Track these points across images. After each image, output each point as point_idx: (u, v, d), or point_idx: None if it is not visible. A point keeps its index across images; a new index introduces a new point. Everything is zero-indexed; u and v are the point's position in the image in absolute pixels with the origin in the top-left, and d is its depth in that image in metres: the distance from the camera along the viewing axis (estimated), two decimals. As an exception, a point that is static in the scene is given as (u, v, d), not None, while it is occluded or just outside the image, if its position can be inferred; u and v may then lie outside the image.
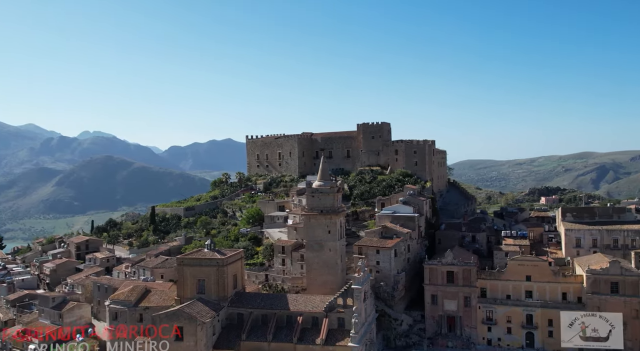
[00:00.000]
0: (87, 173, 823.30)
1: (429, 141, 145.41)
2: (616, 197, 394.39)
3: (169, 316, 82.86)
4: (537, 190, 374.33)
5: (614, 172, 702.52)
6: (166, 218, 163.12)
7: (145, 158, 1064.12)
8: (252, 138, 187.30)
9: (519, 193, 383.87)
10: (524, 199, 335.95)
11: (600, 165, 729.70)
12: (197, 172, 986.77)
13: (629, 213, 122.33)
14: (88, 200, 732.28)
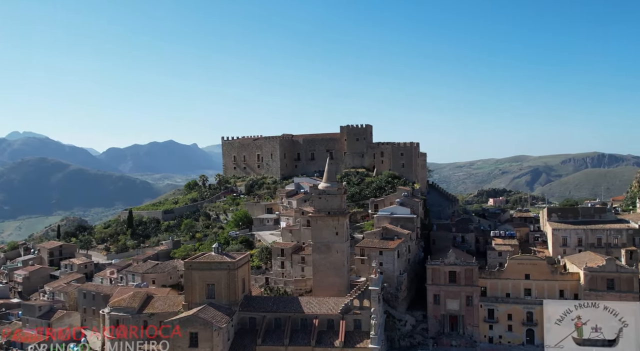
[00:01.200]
0: (18, 176, 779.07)
1: (415, 143, 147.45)
2: (550, 198, 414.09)
3: (182, 322, 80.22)
4: (485, 192, 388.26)
5: (546, 174, 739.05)
6: (143, 222, 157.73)
7: (81, 161, 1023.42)
8: (228, 139, 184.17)
9: (469, 195, 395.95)
10: (473, 200, 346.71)
11: (534, 168, 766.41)
12: (138, 174, 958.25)
13: (609, 213, 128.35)
14: (19, 205, 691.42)
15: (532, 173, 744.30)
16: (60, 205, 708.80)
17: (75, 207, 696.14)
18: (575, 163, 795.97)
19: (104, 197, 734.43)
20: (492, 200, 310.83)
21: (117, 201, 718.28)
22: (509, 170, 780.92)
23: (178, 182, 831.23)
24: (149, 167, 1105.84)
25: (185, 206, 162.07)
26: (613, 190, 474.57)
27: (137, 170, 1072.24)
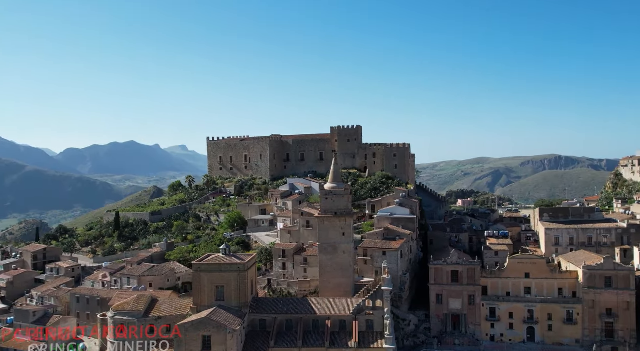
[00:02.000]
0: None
1: (407, 144, 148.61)
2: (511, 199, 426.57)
3: (195, 326, 78.82)
4: (454, 193, 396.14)
5: (506, 176, 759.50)
6: (130, 224, 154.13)
7: (38, 162, 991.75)
8: (214, 139, 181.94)
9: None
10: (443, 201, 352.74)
11: (495, 169, 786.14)
12: (98, 176, 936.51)
13: (597, 213, 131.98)
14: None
15: (493, 175, 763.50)
16: (15, 208, 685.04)
17: (32, 209, 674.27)
18: (534, 165, 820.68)
19: (62, 199, 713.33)
20: (460, 201, 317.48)
21: (77, 203, 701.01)
22: (470, 172, 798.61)
23: (140, 184, 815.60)
24: (109, 168, 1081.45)
25: (173, 207, 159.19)
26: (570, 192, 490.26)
27: (97, 172, 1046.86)
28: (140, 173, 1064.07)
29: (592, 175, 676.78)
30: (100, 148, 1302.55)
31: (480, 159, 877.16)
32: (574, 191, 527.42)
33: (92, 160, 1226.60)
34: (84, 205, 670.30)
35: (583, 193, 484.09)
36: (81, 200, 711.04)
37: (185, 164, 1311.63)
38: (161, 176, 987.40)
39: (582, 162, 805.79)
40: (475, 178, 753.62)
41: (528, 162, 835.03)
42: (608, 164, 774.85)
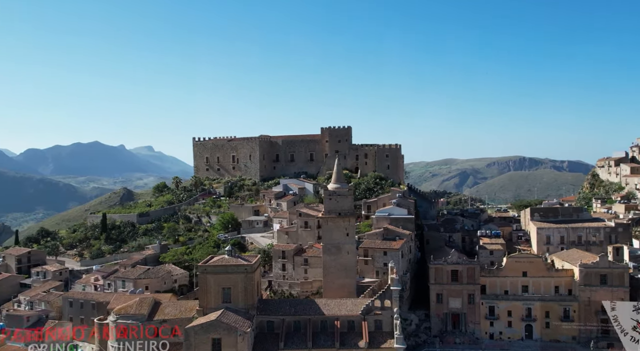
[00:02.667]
0: None
1: (398, 145, 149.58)
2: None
3: (204, 328, 77.54)
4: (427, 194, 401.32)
5: (473, 177, 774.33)
6: (117, 226, 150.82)
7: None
8: (200, 140, 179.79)
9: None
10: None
11: (462, 170, 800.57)
12: (61, 177, 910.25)
13: (585, 212, 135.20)
14: None
15: (461, 176, 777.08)
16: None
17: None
18: (499, 166, 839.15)
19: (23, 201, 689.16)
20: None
21: (39, 205, 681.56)
22: (438, 173, 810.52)
23: (105, 185, 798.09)
24: (72, 169, 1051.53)
25: (161, 209, 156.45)
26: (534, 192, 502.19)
27: (59, 173, 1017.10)
28: (105, 174, 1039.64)
29: (555, 175, 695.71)
30: (62, 149, 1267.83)
31: (448, 160, 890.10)
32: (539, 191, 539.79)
33: (54, 161, 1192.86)
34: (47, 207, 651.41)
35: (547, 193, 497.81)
36: (43, 202, 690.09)
37: (151, 165, 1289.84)
38: (127, 177, 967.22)
39: (545, 163, 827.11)
40: (443, 179, 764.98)
41: (494, 163, 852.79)
42: (569, 165, 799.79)
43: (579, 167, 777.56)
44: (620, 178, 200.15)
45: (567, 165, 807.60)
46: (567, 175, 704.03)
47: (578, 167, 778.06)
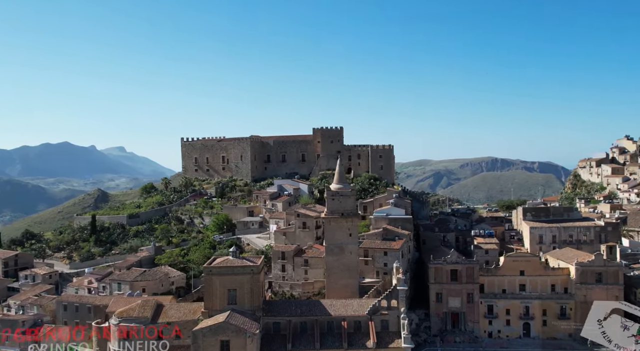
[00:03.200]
0: None
1: (391, 146, 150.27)
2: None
3: (213, 330, 76.74)
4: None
5: (447, 177, 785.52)
6: (106, 228, 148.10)
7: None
8: (189, 140, 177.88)
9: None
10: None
11: (436, 171, 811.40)
12: (29, 178, 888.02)
13: (575, 212, 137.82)
14: None
15: (435, 177, 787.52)
16: None
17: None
18: (472, 167, 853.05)
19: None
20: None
21: (5, 208, 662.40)
22: (413, 174, 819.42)
23: (75, 187, 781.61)
24: (41, 171, 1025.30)
25: (151, 210, 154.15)
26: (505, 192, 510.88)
27: (27, 174, 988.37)
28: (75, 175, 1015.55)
29: (526, 176, 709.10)
30: (30, 150, 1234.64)
31: (422, 161, 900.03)
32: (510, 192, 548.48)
33: (21, 162, 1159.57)
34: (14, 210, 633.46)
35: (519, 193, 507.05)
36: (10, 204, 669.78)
37: (123, 166, 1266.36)
38: (98, 178, 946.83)
39: (516, 164, 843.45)
40: (418, 180, 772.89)
41: (467, 164, 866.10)
42: (540, 166, 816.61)
43: (549, 167, 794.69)
44: (601, 178, 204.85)
45: (537, 166, 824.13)
46: (538, 175, 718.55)
47: (548, 167, 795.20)
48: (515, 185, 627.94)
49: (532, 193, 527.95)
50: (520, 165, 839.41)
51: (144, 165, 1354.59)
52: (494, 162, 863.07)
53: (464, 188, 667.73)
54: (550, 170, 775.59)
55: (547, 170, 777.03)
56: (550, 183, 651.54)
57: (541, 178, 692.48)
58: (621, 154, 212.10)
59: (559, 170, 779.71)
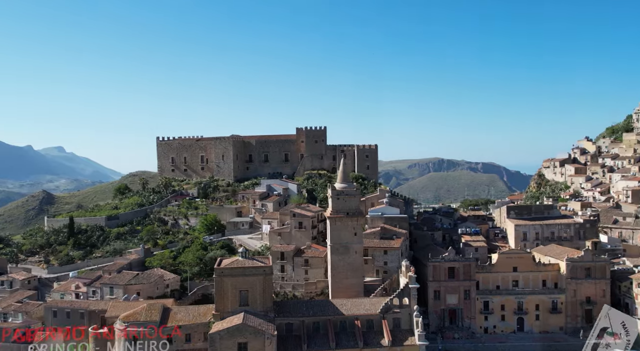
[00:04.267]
0: None
1: (376, 145, 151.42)
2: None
3: (230, 333, 75.27)
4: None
5: (396, 178, 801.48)
6: (83, 230, 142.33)
7: None
8: (165, 139, 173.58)
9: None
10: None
11: (385, 172, 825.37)
12: None
13: (555, 209, 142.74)
14: None
15: (384, 177, 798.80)
16: None
17: None
18: (420, 167, 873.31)
19: None
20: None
21: None
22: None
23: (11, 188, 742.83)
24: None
25: (131, 211, 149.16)
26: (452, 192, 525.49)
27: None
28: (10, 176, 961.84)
29: (472, 177, 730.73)
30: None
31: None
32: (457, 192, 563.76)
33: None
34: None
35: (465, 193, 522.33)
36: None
37: (62, 167, 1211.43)
38: (36, 180, 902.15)
39: (461, 165, 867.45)
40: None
41: (415, 164, 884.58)
42: (483, 167, 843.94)
43: (492, 168, 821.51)
44: (565, 177, 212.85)
45: (481, 167, 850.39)
46: (482, 176, 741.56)
47: (491, 168, 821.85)
48: (461, 185, 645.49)
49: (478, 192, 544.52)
50: (465, 165, 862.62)
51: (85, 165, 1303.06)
52: (440, 163, 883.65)
53: (413, 188, 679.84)
54: (493, 170, 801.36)
55: (490, 170, 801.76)
56: (494, 183, 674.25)
57: (485, 178, 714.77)
58: (582, 155, 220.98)
59: (501, 171, 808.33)
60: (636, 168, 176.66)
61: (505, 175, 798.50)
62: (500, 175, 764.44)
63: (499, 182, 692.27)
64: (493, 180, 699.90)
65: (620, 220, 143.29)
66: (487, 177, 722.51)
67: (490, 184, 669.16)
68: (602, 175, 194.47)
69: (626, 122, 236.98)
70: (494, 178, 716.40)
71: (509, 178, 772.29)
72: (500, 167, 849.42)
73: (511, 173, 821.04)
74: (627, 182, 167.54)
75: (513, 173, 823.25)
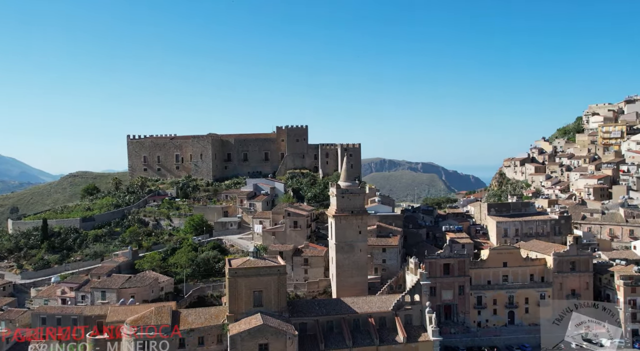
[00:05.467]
0: None
1: (359, 144, 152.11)
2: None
3: (252, 334, 73.95)
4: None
5: None
6: (57, 233, 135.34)
7: None
8: (136, 138, 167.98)
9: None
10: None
11: None
12: None
13: (531, 206, 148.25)
14: None
15: None
16: None
17: None
18: (363, 167, 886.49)
19: None
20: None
21: None
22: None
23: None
24: None
25: (107, 213, 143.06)
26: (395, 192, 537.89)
27: None
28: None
29: (412, 176, 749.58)
30: None
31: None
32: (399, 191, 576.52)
33: None
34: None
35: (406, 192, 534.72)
36: None
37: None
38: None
39: (402, 165, 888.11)
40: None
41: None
42: (423, 167, 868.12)
43: (431, 168, 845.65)
44: (525, 176, 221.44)
45: (421, 167, 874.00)
46: (422, 175, 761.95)
47: (430, 168, 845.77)
48: (403, 185, 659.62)
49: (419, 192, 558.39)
50: (406, 165, 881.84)
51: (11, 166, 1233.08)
52: (382, 163, 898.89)
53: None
54: (433, 170, 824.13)
55: (429, 170, 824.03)
56: (433, 182, 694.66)
57: (425, 178, 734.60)
58: (540, 154, 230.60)
59: (439, 171, 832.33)
60: (592, 167, 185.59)
61: (444, 174, 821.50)
62: (439, 174, 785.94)
63: (439, 182, 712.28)
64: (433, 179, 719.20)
65: (588, 216, 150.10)
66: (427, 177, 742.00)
67: (430, 184, 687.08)
68: (560, 173, 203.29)
69: (576, 124, 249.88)
70: (433, 178, 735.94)
71: (447, 177, 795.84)
72: (439, 167, 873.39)
73: (449, 173, 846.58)
74: (586, 180, 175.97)
75: (451, 173, 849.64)
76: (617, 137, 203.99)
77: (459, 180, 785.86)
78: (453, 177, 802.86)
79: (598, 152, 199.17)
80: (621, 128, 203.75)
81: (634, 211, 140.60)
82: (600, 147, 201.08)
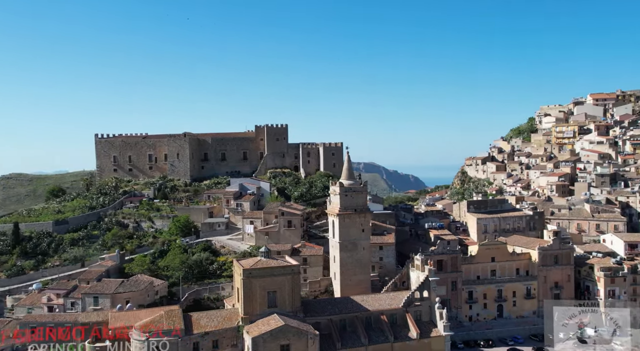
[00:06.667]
0: None
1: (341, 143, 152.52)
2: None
3: (274, 335, 72.78)
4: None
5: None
6: (28, 237, 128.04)
7: None
8: (105, 137, 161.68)
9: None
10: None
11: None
12: None
13: (506, 203, 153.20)
14: None
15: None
16: None
17: None
18: None
19: None
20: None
21: None
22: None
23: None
24: None
25: (82, 215, 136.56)
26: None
27: None
28: None
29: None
30: None
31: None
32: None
33: None
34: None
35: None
36: None
37: None
38: None
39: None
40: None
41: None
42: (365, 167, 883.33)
43: (373, 168, 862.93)
44: (487, 175, 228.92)
45: (363, 167, 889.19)
46: (365, 175, 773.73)
47: (372, 168, 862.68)
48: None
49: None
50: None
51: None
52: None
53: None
54: (374, 170, 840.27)
55: (371, 170, 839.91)
56: (376, 182, 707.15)
57: (368, 177, 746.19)
58: (499, 153, 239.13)
59: (381, 170, 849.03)
60: (551, 165, 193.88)
61: (385, 174, 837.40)
62: (380, 174, 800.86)
63: (381, 181, 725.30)
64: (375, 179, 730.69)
65: (556, 212, 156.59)
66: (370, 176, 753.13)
67: (372, 183, 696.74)
68: (520, 171, 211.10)
69: (529, 124, 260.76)
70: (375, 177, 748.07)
71: (388, 177, 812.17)
72: (380, 166, 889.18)
73: (390, 172, 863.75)
74: (547, 178, 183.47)
75: (391, 172, 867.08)
76: (569, 137, 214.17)
77: (399, 180, 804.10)
78: (394, 177, 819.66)
79: (554, 151, 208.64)
80: (573, 128, 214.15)
81: (598, 206, 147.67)
82: (555, 146, 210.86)
